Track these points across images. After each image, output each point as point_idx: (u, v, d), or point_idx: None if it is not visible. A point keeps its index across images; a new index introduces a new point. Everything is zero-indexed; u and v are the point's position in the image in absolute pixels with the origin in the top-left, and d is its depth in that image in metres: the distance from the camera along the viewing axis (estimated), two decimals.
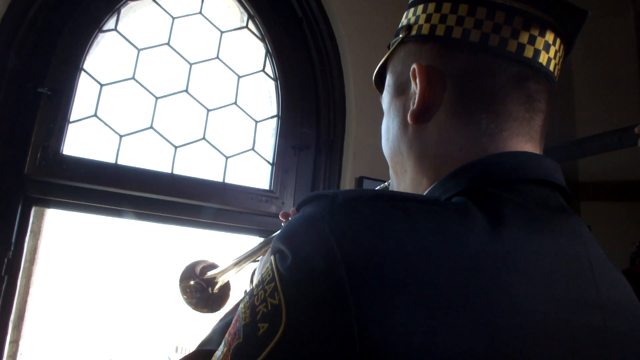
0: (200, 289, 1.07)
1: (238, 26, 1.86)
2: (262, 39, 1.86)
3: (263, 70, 1.87)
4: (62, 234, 1.64)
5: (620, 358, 0.48)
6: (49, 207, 1.49)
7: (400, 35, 0.62)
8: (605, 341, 0.47)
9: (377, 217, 0.42)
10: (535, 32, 0.56)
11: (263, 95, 1.89)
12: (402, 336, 0.38)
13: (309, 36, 1.91)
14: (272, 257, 0.46)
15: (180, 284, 1.08)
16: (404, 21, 0.64)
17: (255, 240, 1.78)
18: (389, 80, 0.66)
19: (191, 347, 2.12)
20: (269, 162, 1.81)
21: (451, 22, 0.57)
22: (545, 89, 0.57)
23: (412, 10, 0.63)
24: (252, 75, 1.85)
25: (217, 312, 1.11)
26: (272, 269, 0.44)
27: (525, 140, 0.56)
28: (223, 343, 0.47)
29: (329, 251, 0.40)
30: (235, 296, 1.14)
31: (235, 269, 1.05)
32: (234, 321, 0.47)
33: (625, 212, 2.00)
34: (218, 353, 0.47)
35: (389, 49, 0.66)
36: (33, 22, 1.45)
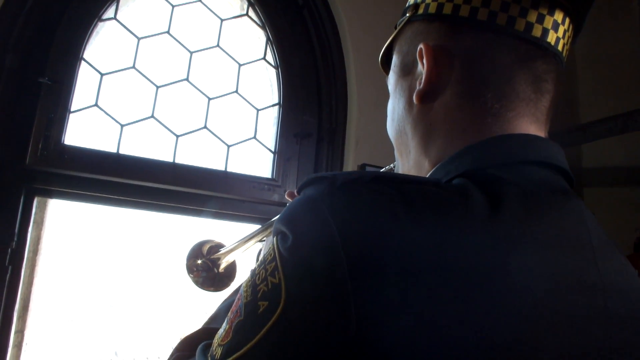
0: (207, 268, 1.08)
1: (238, 14, 1.85)
2: (263, 27, 1.85)
3: (264, 58, 1.86)
4: (65, 224, 1.64)
5: (621, 339, 0.48)
6: (51, 197, 1.49)
7: (407, 15, 0.62)
8: (605, 322, 0.47)
9: (375, 199, 0.43)
10: (544, 11, 0.55)
11: (264, 83, 1.88)
12: (398, 315, 0.39)
13: (309, 23, 1.89)
14: (273, 239, 0.46)
15: (187, 263, 1.08)
16: (410, 0, 0.63)
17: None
18: (395, 60, 0.65)
19: None
20: (270, 150, 1.80)
21: (459, 0, 0.56)
22: (553, 69, 0.57)
23: None
24: (253, 63, 1.84)
25: (222, 291, 1.12)
26: (273, 249, 0.45)
27: (530, 122, 0.56)
28: (225, 321, 0.48)
29: (328, 232, 0.41)
30: (241, 276, 1.14)
31: (241, 249, 1.06)
32: (236, 300, 0.48)
33: (629, 198, 2.00)
34: (220, 330, 0.48)
35: (395, 28, 0.65)
36: (31, 12, 1.44)
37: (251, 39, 1.87)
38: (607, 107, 1.89)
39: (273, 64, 1.86)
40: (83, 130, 1.52)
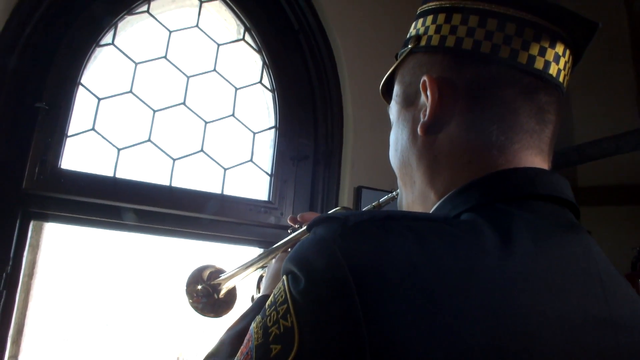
0: (207, 293, 1.07)
1: (235, 39, 1.88)
2: (259, 51, 1.87)
3: (260, 82, 1.88)
4: (61, 248, 1.64)
5: None
6: (47, 221, 1.49)
7: (410, 46, 0.62)
8: (617, 358, 0.47)
9: (389, 240, 0.42)
10: (546, 44, 0.56)
11: (260, 107, 1.90)
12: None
13: (305, 48, 1.92)
14: (284, 277, 0.46)
15: (187, 288, 1.08)
16: (412, 31, 0.64)
17: (254, 251, 1.77)
18: (397, 90, 0.65)
19: (193, 358, 2.10)
20: (267, 173, 1.81)
21: (462, 33, 0.57)
22: (555, 100, 0.57)
23: (420, 20, 0.62)
24: (250, 87, 1.86)
25: (222, 317, 1.11)
26: (284, 290, 0.44)
27: (535, 153, 0.56)
28: None
29: (342, 276, 0.40)
30: (241, 302, 1.14)
31: (241, 275, 1.05)
32: (246, 340, 0.48)
33: (625, 217, 2.00)
34: None
35: (396, 59, 0.65)
36: (30, 37, 1.46)
37: (248, 63, 1.90)
38: (602, 127, 1.91)
39: (269, 87, 1.88)
40: (80, 154, 1.53)
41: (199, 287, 1.07)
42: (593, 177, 2.11)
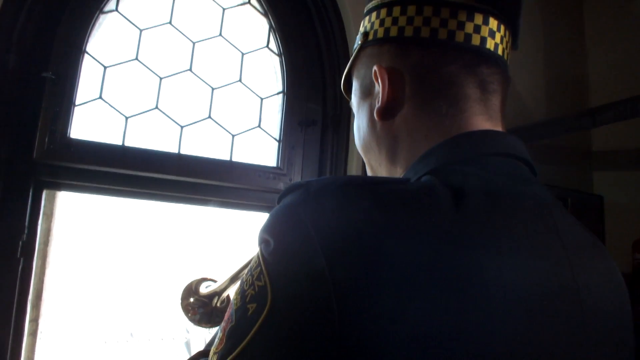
0: (202, 304, 1.07)
1: (240, 2, 1.84)
2: (265, 14, 1.83)
3: (267, 46, 1.85)
4: (74, 215, 1.68)
5: (596, 334, 0.51)
6: (59, 190, 1.53)
7: (359, 42, 0.68)
8: (582, 321, 0.49)
9: (348, 202, 0.46)
10: (479, 22, 0.60)
11: (268, 72, 1.87)
12: (376, 315, 0.41)
13: (312, 9, 1.87)
14: (258, 247, 0.49)
15: (181, 304, 1.08)
16: (361, 29, 0.69)
17: (263, 217, 1.79)
18: (355, 84, 0.71)
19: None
20: (275, 139, 1.81)
21: (402, 23, 0.62)
22: (497, 72, 0.62)
23: (367, 18, 0.68)
24: (256, 51, 1.83)
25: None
26: (258, 256, 0.48)
27: (485, 119, 0.60)
28: (219, 330, 0.51)
29: (307, 235, 0.44)
30: None
31: (234, 284, 1.05)
32: (228, 309, 0.51)
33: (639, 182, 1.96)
34: (216, 340, 0.50)
35: (350, 56, 0.71)
36: (33, 7, 1.45)
37: (254, 27, 1.86)
38: (620, 89, 1.85)
39: (276, 51, 1.85)
40: (88, 123, 1.54)
41: (192, 300, 1.07)
42: (608, 140, 2.06)
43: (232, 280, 1.03)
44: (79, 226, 1.72)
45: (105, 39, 1.61)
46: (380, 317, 0.40)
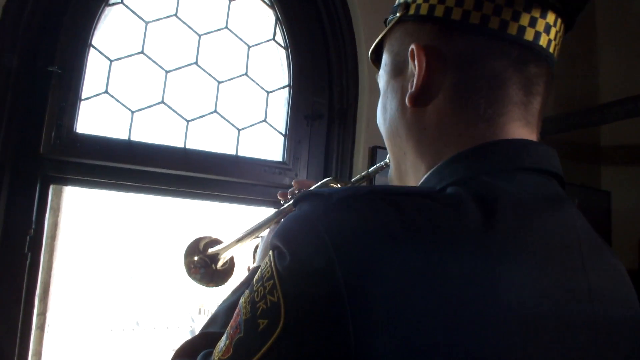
0: (204, 264, 1.08)
1: None
2: (272, 6, 1.81)
3: (273, 38, 1.83)
4: (80, 210, 1.68)
5: (608, 342, 0.50)
6: (66, 184, 1.52)
7: (398, 14, 0.61)
8: (593, 328, 0.48)
9: (370, 215, 0.43)
10: (537, 14, 0.54)
11: (274, 65, 1.86)
12: (396, 337, 0.39)
13: (320, 1, 1.85)
14: (270, 253, 0.47)
15: (184, 260, 1.09)
16: None
17: (269, 212, 1.79)
18: (385, 59, 0.64)
19: (213, 308, 2.18)
20: (281, 133, 1.80)
21: (450, 3, 0.55)
22: (544, 72, 0.57)
23: None
24: (262, 44, 1.81)
25: (223, 286, 1.12)
26: (270, 266, 0.46)
27: (522, 125, 0.56)
28: (225, 335, 0.49)
29: (325, 252, 0.41)
30: (240, 271, 1.15)
31: (237, 245, 1.06)
32: (235, 314, 0.49)
33: None
34: (221, 344, 0.49)
35: (385, 25, 0.64)
36: (38, 1, 1.43)
37: (260, 19, 1.84)
38: (629, 85, 1.82)
39: (283, 44, 1.83)
40: (94, 118, 1.53)
41: (196, 258, 1.08)
42: (616, 135, 2.04)
43: (238, 242, 1.04)
44: (85, 220, 1.73)
45: (110, 32, 1.59)
46: (400, 343, 0.39)
